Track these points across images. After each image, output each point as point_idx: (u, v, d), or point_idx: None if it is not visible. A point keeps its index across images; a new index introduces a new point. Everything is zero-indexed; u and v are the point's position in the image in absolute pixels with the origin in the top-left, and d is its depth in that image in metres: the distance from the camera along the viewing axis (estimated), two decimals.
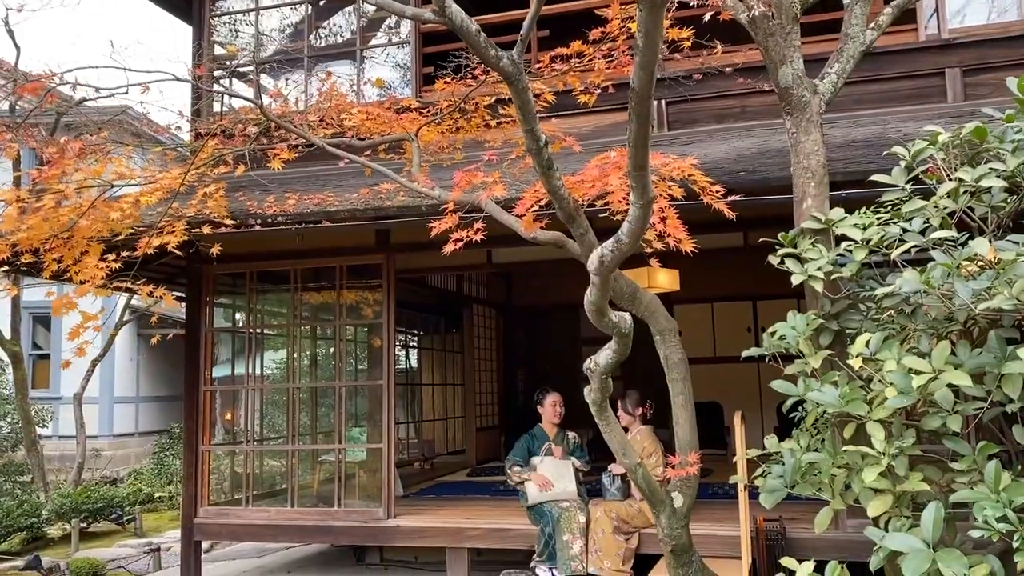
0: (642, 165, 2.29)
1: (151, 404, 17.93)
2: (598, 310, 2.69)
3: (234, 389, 7.65)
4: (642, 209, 2.38)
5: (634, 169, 2.30)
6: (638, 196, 2.34)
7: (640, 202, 2.36)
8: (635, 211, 2.39)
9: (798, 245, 3.45)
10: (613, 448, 3.27)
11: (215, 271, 7.21)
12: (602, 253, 2.50)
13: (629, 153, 2.27)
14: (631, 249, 2.53)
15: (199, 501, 6.97)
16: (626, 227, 2.45)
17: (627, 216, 2.43)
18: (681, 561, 3.46)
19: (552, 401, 6.45)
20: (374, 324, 7.18)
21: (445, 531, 6.31)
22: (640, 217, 2.41)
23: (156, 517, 12.22)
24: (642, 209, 2.38)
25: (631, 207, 2.39)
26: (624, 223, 2.46)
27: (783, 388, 3.13)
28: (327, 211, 5.48)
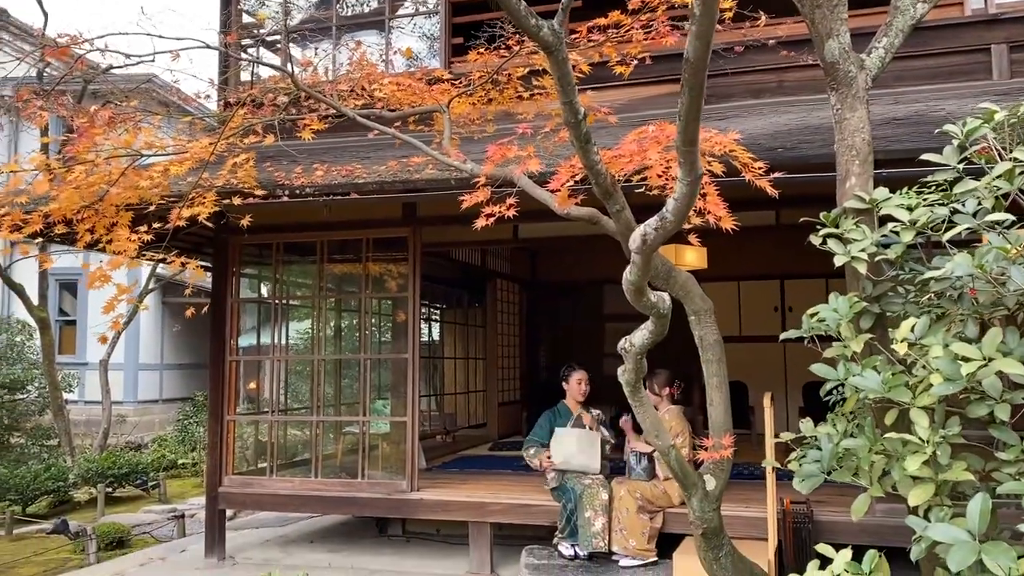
0: (692, 140, 2.21)
1: (175, 372, 18.11)
2: (637, 290, 2.62)
3: (259, 359, 7.66)
4: (690, 186, 2.30)
5: (684, 144, 2.21)
6: (686, 172, 2.26)
7: (688, 179, 2.28)
8: (682, 188, 2.31)
9: (840, 225, 3.35)
10: (646, 429, 3.21)
11: (242, 241, 7.20)
12: (645, 231, 2.43)
13: (679, 127, 2.19)
14: (676, 228, 2.45)
15: (224, 470, 7.01)
16: (671, 204, 2.37)
17: (673, 193, 2.35)
18: (712, 544, 3.41)
19: (578, 378, 6.40)
20: (399, 297, 7.15)
21: (468, 505, 6.31)
22: (687, 195, 2.33)
23: (180, 483, 12.36)
24: (690, 186, 2.30)
25: (678, 184, 2.31)
26: (669, 200, 2.38)
27: (823, 372, 3.06)
28: (355, 183, 5.42)
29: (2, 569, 7.12)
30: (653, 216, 2.46)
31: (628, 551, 5.65)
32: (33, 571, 7.02)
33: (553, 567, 5.65)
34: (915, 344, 2.91)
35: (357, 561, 6.81)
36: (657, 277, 3.46)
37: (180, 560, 7.21)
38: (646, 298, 2.68)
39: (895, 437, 2.82)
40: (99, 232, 4.66)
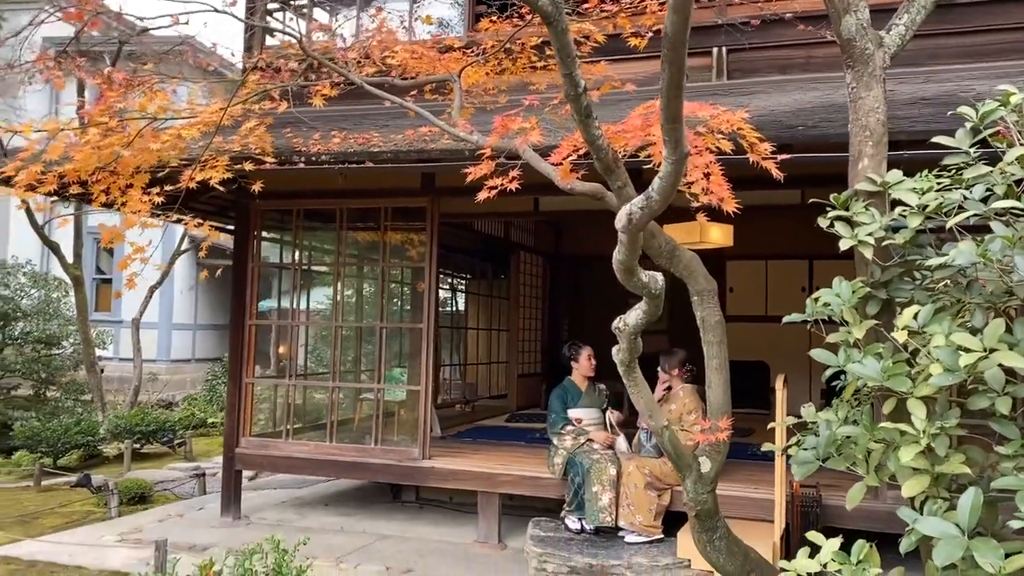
0: (676, 117, 2.15)
1: (208, 332, 18.40)
2: (627, 269, 2.57)
3: (278, 324, 7.73)
4: (675, 165, 2.23)
5: (667, 122, 2.15)
6: (671, 151, 2.20)
7: (673, 157, 2.21)
8: (667, 167, 2.25)
9: (850, 207, 3.26)
10: (640, 409, 3.18)
11: (262, 207, 7.23)
12: (631, 210, 2.37)
13: (662, 104, 2.12)
14: (661, 207, 2.40)
15: (241, 432, 7.12)
16: (657, 183, 2.31)
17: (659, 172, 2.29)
18: (706, 526, 3.38)
19: (588, 354, 6.40)
20: (417, 267, 7.15)
21: (478, 475, 6.34)
22: (672, 173, 2.27)
23: (207, 442, 12.60)
24: (675, 165, 2.23)
25: (664, 162, 2.25)
26: (655, 179, 2.32)
27: (822, 358, 2.99)
28: (370, 151, 5.40)
29: (27, 519, 7.34)
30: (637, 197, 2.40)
31: (634, 527, 5.64)
32: (56, 522, 7.22)
33: (559, 540, 5.66)
34: (918, 332, 2.84)
35: (369, 526, 6.90)
36: (660, 255, 3.41)
37: (197, 517, 7.36)
38: (636, 278, 2.64)
39: (891, 427, 2.75)
40: (114, 193, 4.71)
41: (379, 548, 6.31)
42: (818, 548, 2.89)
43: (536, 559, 5.46)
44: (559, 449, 6.08)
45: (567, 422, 6.19)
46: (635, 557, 5.32)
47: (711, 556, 3.48)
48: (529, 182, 3.71)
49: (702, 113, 3.30)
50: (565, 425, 6.16)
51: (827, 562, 2.70)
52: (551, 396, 6.34)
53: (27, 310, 13.41)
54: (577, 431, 6.10)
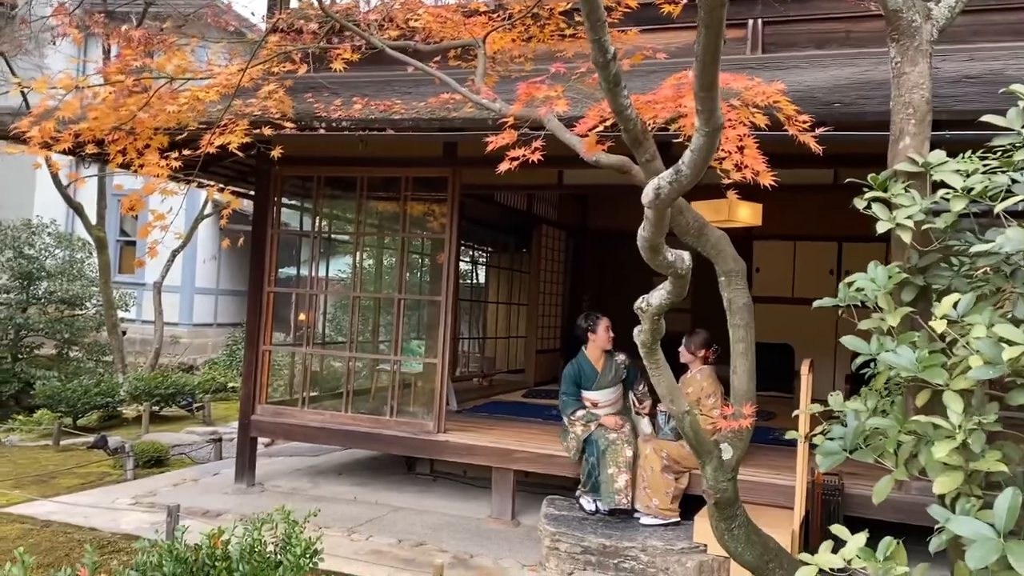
0: (711, 84, 2.00)
1: (230, 297, 18.46)
2: (652, 247, 2.45)
3: (298, 292, 7.67)
4: (707, 137, 2.09)
5: (701, 90, 2.01)
6: (704, 121, 2.05)
7: (706, 129, 2.07)
8: (699, 139, 2.11)
9: (889, 189, 3.11)
10: (661, 393, 3.06)
11: (283, 173, 7.15)
12: (659, 184, 2.24)
13: (696, 70, 1.98)
14: (691, 182, 2.26)
15: (257, 399, 7.09)
16: (687, 157, 2.17)
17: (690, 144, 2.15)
18: (725, 514, 3.28)
19: (606, 325, 6.21)
20: (437, 238, 7.05)
21: (493, 451, 6.28)
22: (704, 147, 2.13)
23: (226, 406, 12.65)
24: (707, 137, 2.09)
25: (695, 134, 2.11)
26: (686, 152, 2.18)
27: (853, 345, 2.86)
28: (391, 119, 5.28)
29: (45, 479, 7.38)
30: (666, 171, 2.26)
31: (650, 510, 5.55)
32: (72, 482, 7.25)
33: (573, 519, 5.59)
34: (957, 322, 2.70)
35: (382, 497, 6.87)
36: (687, 234, 3.28)
37: (211, 483, 7.37)
38: (662, 256, 2.51)
39: (924, 420, 2.62)
40: (131, 154, 4.63)
41: (392, 520, 6.27)
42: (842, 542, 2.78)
43: (549, 538, 5.39)
44: (570, 433, 5.98)
45: (579, 406, 6.04)
46: (650, 540, 5.23)
47: (729, 545, 3.37)
48: (553, 154, 3.58)
49: (736, 85, 3.14)
50: (576, 410, 6.01)
51: (852, 558, 2.58)
52: (563, 375, 6.18)
53: (51, 270, 13.50)
54: (588, 417, 5.94)
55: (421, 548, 5.70)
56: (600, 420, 5.93)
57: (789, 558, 3.49)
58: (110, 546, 5.51)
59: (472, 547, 5.74)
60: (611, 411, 6.08)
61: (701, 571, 5.04)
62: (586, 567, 5.26)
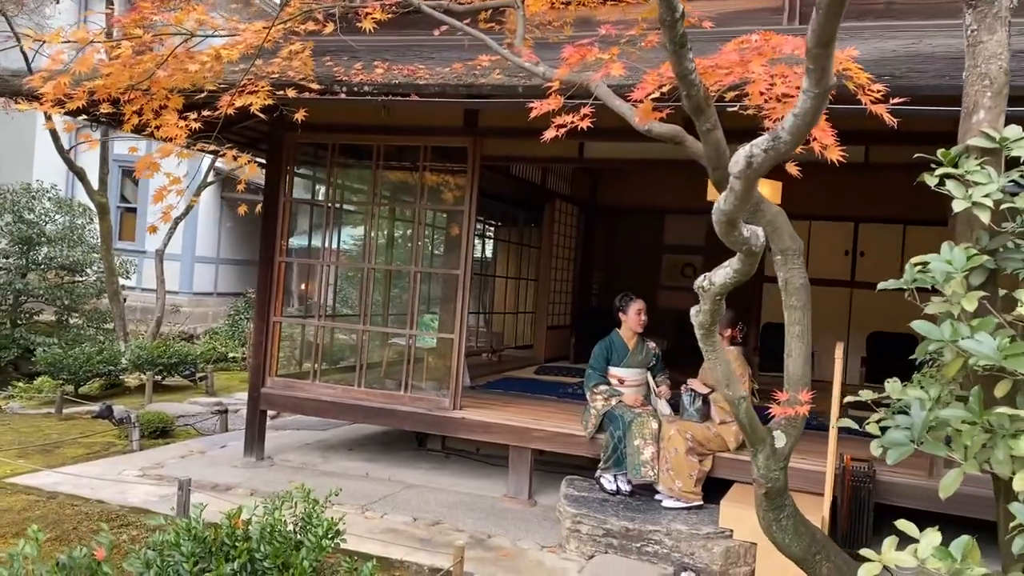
0: (828, 40, 1.81)
1: (231, 266, 18.26)
2: (729, 222, 2.27)
3: (309, 263, 7.47)
4: (816, 100, 1.90)
5: (816, 46, 1.82)
6: (813, 82, 1.86)
7: (815, 90, 1.88)
8: (806, 102, 1.92)
9: (959, 165, 2.93)
10: (716, 378, 2.91)
11: (297, 139, 6.94)
12: (751, 153, 2.06)
13: (813, 23, 1.80)
14: (791, 149, 2.08)
15: (267, 371, 6.93)
16: (790, 121, 1.98)
17: (793, 108, 1.97)
18: (774, 504, 3.13)
19: (637, 308, 6.09)
20: (454, 211, 6.87)
21: (510, 429, 6.13)
22: (811, 110, 1.94)
23: (227, 377, 12.51)
24: (816, 100, 1.90)
25: (801, 96, 1.92)
26: (787, 116, 1.99)
27: (926, 331, 2.69)
28: (416, 84, 5.07)
29: (49, 448, 7.22)
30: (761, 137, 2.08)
31: (673, 492, 5.42)
32: (77, 452, 7.11)
33: (593, 500, 5.46)
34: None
35: (395, 473, 6.74)
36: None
37: (219, 455, 7.22)
38: (738, 232, 2.33)
39: (1007, 412, 2.46)
40: (147, 115, 4.42)
41: (405, 497, 6.14)
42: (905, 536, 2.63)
43: (570, 520, 5.26)
44: (591, 408, 5.85)
45: (603, 381, 5.94)
46: (674, 523, 5.10)
47: (777, 536, 3.23)
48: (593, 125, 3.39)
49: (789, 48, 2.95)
50: (599, 384, 5.92)
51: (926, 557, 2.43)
52: (595, 347, 6.07)
53: (51, 235, 13.27)
54: (610, 392, 5.85)
55: (437, 527, 5.57)
56: (622, 397, 5.81)
57: (836, 550, 3.35)
58: (119, 520, 5.37)
59: (489, 527, 5.61)
60: (634, 392, 5.95)
61: (727, 557, 4.92)
62: (607, 550, 5.14)
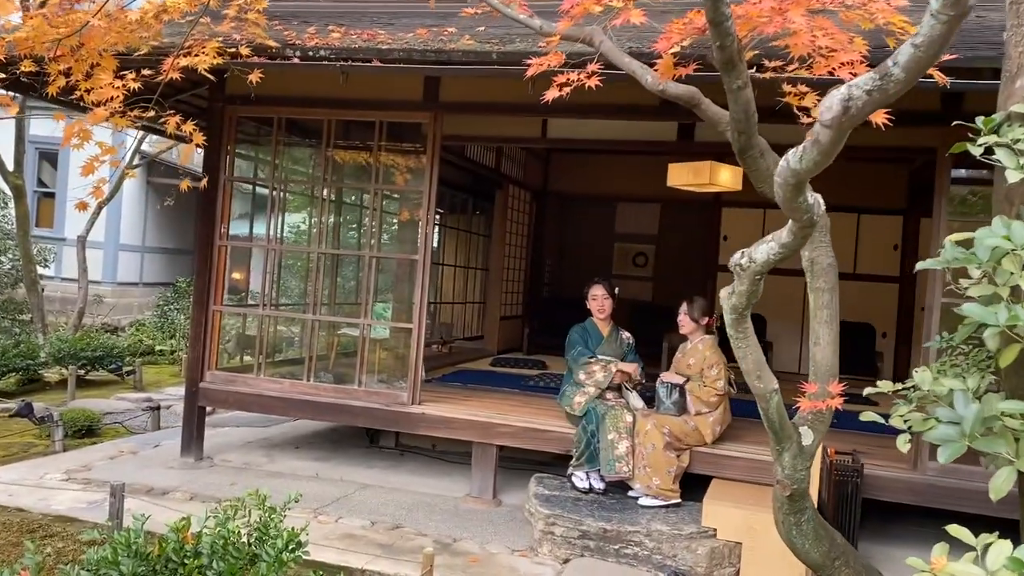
0: None
1: (158, 255, 17.39)
2: (799, 184, 1.93)
3: (253, 247, 6.93)
4: (948, 25, 1.56)
5: None
6: (948, 2, 1.54)
7: (949, 12, 1.53)
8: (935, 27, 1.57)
9: (1001, 133, 2.68)
10: (747, 368, 2.60)
11: (238, 113, 6.41)
12: (849, 94, 1.72)
13: None
14: (903, 90, 1.75)
15: (206, 364, 6.39)
16: (907, 53, 1.64)
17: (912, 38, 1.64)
18: (796, 507, 2.85)
19: (593, 294, 5.83)
20: (412, 191, 6.44)
21: (474, 424, 5.76)
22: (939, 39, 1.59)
23: (156, 371, 11.81)
24: (948, 25, 1.56)
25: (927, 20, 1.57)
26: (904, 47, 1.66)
27: (981, 315, 2.42)
28: (378, 48, 4.65)
29: None
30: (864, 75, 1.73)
31: (651, 490, 5.13)
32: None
33: (566, 500, 5.13)
34: None
35: (347, 473, 6.30)
36: (765, 181, 2.79)
37: (152, 456, 6.66)
38: (803, 197, 2.01)
39: None
40: (76, 76, 3.89)
41: (360, 499, 5.72)
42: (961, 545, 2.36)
43: (543, 521, 4.92)
44: (586, 387, 5.50)
45: (594, 355, 5.64)
46: (654, 523, 4.81)
47: (796, 541, 2.95)
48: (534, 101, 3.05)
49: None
50: (591, 357, 5.61)
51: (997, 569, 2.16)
52: (571, 333, 5.78)
53: None
54: (607, 360, 5.55)
55: (398, 531, 5.17)
56: (618, 366, 5.58)
57: (855, 554, 3.09)
58: (42, 530, 4.82)
59: (454, 530, 5.23)
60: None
61: (712, 558, 4.65)
62: (584, 552, 4.82)
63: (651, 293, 11.98)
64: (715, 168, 8.10)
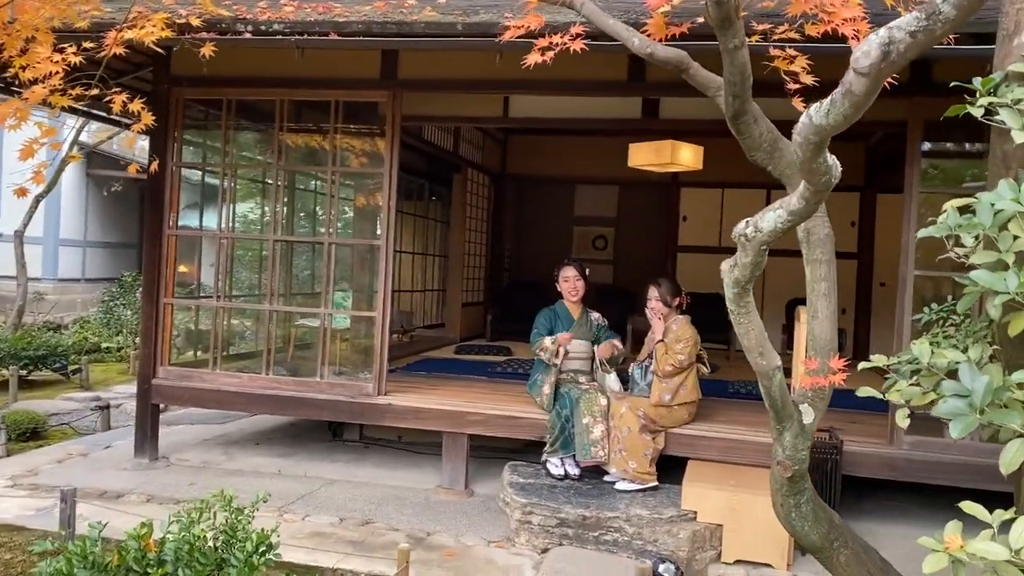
0: None
1: (100, 250, 16.80)
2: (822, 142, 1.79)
3: (204, 236, 6.62)
4: None
5: None
6: None
7: None
8: None
9: (999, 94, 2.58)
10: (749, 345, 2.47)
11: (185, 95, 6.10)
12: (890, 37, 1.57)
13: None
14: (949, 31, 1.61)
15: (158, 360, 6.10)
16: None
17: None
18: (796, 489, 2.74)
19: (564, 276, 5.69)
20: (371, 175, 6.20)
21: (444, 414, 5.58)
22: None
23: (103, 369, 11.38)
24: None
25: None
26: None
27: (989, 282, 2.33)
28: (335, 21, 4.41)
29: None
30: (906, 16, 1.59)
31: (627, 474, 5.02)
32: None
33: (541, 487, 4.99)
34: None
35: (311, 468, 6.07)
36: (758, 149, 2.67)
37: (104, 457, 6.35)
38: (823, 157, 1.87)
39: None
40: (10, 51, 3.59)
41: (327, 495, 5.50)
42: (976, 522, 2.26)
43: (520, 510, 4.77)
44: (551, 374, 5.37)
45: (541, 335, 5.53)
46: (633, 508, 4.69)
47: (796, 524, 2.84)
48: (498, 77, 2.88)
49: None
50: (543, 340, 5.48)
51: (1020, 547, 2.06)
52: (538, 316, 5.66)
53: None
54: (552, 339, 5.41)
55: (369, 527, 4.98)
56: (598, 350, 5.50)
57: (852, 535, 2.99)
58: None
59: (426, 523, 5.06)
60: (579, 364, 5.53)
61: (694, 541, 4.56)
62: (562, 541, 4.68)
63: (612, 276, 11.90)
64: (676, 147, 8.01)
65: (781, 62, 2.77)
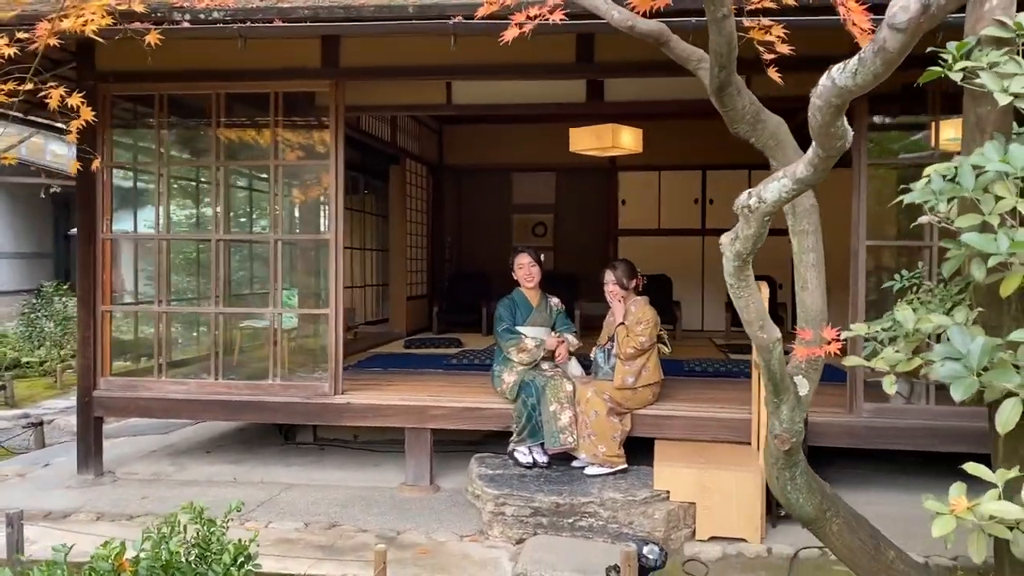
0: None
1: (15, 261, 16.01)
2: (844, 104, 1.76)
3: (140, 239, 6.29)
4: None
5: None
6: None
7: None
8: None
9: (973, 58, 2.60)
10: (748, 318, 2.44)
11: (113, 91, 5.81)
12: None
13: None
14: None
15: (99, 370, 5.80)
16: None
17: None
18: (792, 461, 2.74)
19: (520, 263, 5.63)
20: (315, 167, 6.01)
21: (406, 410, 5.45)
22: None
23: (28, 384, 10.84)
24: None
25: None
26: None
27: (980, 244, 2.34)
28: (279, 7, 4.23)
29: None
30: None
31: (597, 458, 4.99)
32: None
33: (511, 477, 4.93)
34: None
35: (267, 474, 5.87)
36: (741, 121, 2.64)
37: (44, 476, 6.01)
38: (840, 121, 1.84)
39: None
40: None
41: (288, 500, 5.33)
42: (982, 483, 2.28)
43: (492, 502, 4.69)
44: (513, 366, 5.30)
45: (512, 336, 5.43)
46: (606, 491, 4.67)
47: (791, 496, 2.84)
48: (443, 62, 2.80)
49: None
50: (521, 338, 5.41)
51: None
52: (498, 307, 5.54)
53: None
54: (538, 341, 5.36)
55: (336, 530, 4.83)
56: (546, 343, 5.42)
57: (843, 504, 3.00)
58: None
59: (395, 522, 4.94)
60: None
61: (669, 521, 4.56)
62: (536, 530, 4.63)
63: (553, 262, 11.90)
64: (617, 131, 8.03)
65: (757, 32, 2.74)
